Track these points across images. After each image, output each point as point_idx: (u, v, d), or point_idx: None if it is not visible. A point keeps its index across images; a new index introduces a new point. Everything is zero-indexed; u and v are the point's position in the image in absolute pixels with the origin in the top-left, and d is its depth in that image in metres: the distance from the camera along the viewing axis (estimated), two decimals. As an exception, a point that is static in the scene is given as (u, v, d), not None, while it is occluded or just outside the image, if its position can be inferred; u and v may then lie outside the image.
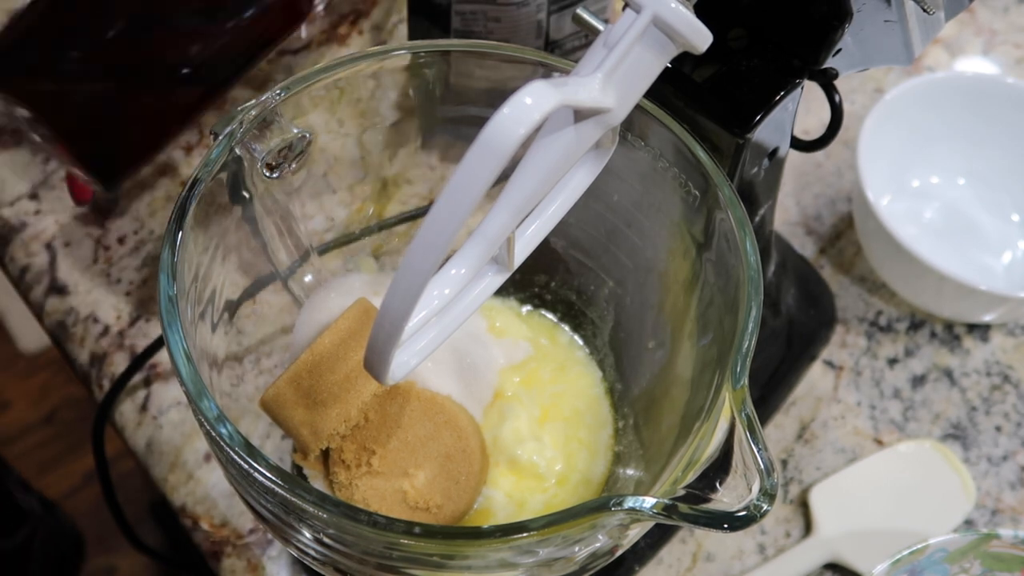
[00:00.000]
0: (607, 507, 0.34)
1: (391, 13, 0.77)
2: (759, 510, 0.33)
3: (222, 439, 0.35)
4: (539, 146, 0.34)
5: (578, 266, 0.54)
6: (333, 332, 0.47)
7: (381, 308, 0.31)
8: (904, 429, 0.61)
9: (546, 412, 0.53)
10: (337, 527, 0.36)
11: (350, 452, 0.47)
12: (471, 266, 0.36)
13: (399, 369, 0.35)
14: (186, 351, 0.37)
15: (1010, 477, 0.59)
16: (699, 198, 0.44)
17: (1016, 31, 0.79)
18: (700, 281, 0.45)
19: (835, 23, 0.41)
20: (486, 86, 0.48)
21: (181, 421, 0.59)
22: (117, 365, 0.61)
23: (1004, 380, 0.63)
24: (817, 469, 0.59)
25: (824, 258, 0.67)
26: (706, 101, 0.45)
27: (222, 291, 0.45)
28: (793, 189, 0.70)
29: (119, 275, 0.64)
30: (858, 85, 0.75)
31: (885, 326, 0.65)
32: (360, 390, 0.46)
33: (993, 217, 0.67)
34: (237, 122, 0.42)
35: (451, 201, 0.28)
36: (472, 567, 0.38)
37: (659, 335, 0.51)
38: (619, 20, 0.34)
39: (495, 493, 0.50)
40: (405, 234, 0.56)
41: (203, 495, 0.57)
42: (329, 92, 0.46)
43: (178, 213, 0.40)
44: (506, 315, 0.56)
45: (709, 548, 0.57)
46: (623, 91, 0.35)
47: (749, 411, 0.36)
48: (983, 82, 0.66)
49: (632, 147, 0.45)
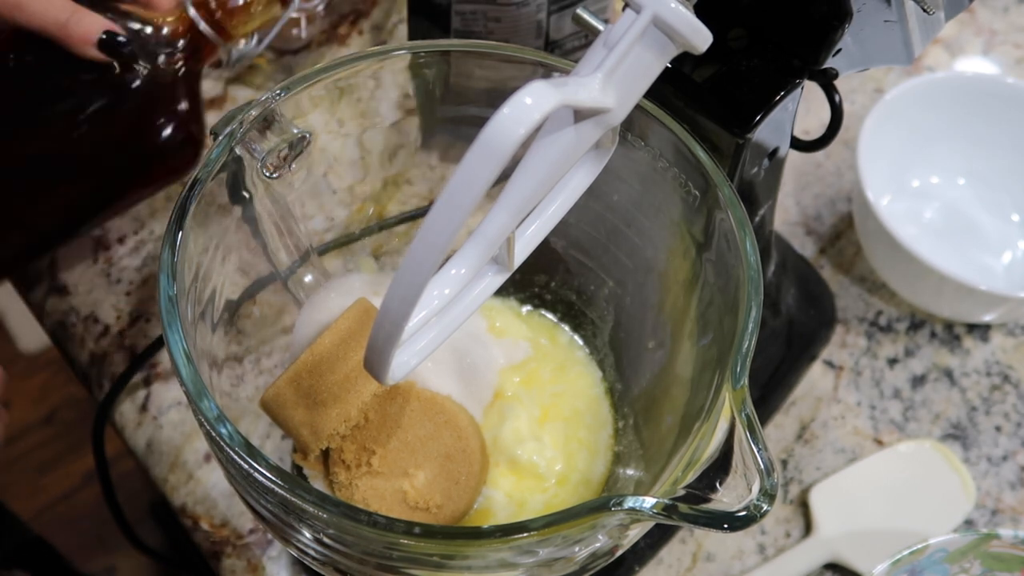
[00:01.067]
0: (607, 507, 0.34)
1: (391, 13, 0.77)
2: (759, 510, 0.33)
3: (222, 439, 0.35)
4: (539, 146, 0.34)
5: (578, 266, 0.54)
6: (333, 332, 0.47)
7: (381, 308, 0.31)
8: (904, 429, 0.61)
9: (546, 412, 0.53)
10: (337, 527, 0.36)
11: (350, 452, 0.47)
12: (471, 266, 0.36)
13: (399, 369, 0.35)
14: (186, 351, 0.37)
15: (1010, 477, 0.59)
16: (699, 198, 0.44)
17: (1016, 31, 0.79)
18: (700, 281, 0.45)
19: (835, 23, 0.41)
20: (486, 86, 0.48)
21: (181, 421, 0.59)
22: (117, 365, 0.61)
23: (1004, 380, 0.63)
24: (817, 469, 0.59)
25: (824, 258, 0.67)
26: (706, 101, 0.45)
27: (222, 291, 0.45)
28: (793, 189, 0.70)
29: (119, 275, 0.64)
30: (858, 85, 0.75)
31: (885, 326, 0.65)
32: (360, 390, 0.46)
33: (993, 217, 0.67)
34: (237, 122, 0.42)
35: (451, 201, 0.28)
36: (472, 567, 0.38)
37: (659, 335, 0.51)
38: (619, 20, 0.34)
39: (495, 493, 0.50)
40: (405, 234, 0.56)
41: (203, 495, 0.57)
42: (329, 92, 0.46)
43: (178, 213, 0.40)
44: (506, 315, 0.56)
45: (709, 548, 0.57)
46: (623, 91, 0.35)
47: (749, 411, 0.36)
48: (983, 82, 0.66)
49: (632, 147, 0.45)
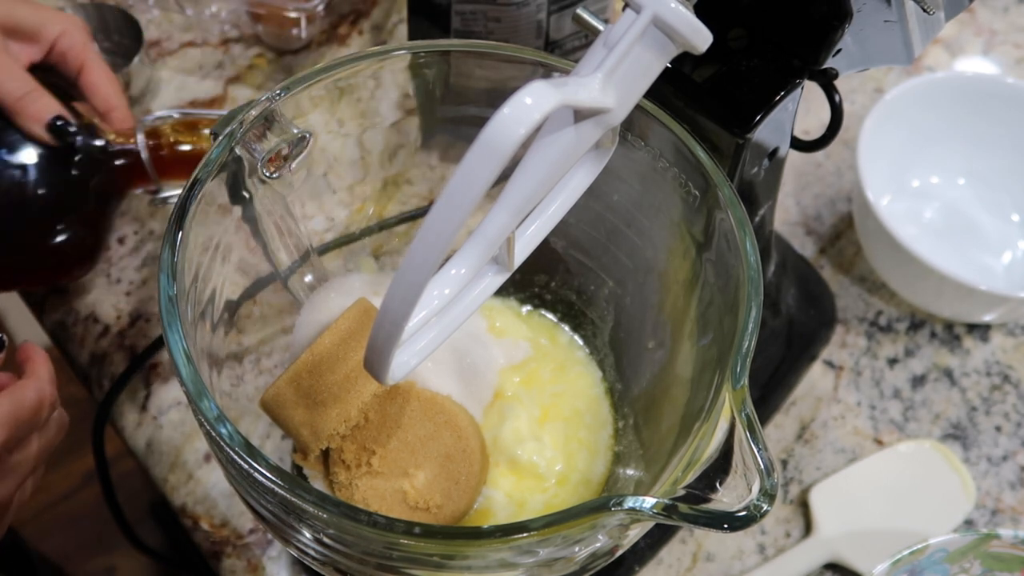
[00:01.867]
0: (607, 507, 0.34)
1: (391, 13, 0.77)
2: (759, 510, 0.33)
3: (222, 439, 0.35)
4: (539, 146, 0.34)
5: (578, 266, 0.54)
6: (333, 332, 0.47)
7: (381, 308, 0.31)
8: (904, 429, 0.61)
9: (546, 412, 0.53)
10: (337, 527, 0.36)
11: (350, 452, 0.47)
12: (471, 266, 0.36)
13: (399, 369, 0.35)
14: (186, 351, 0.37)
15: (1010, 477, 0.59)
16: (699, 198, 0.44)
17: (1016, 31, 0.79)
18: (700, 281, 0.45)
19: (835, 23, 0.41)
20: (486, 86, 0.48)
21: (181, 421, 0.59)
22: (117, 365, 0.61)
23: (1004, 380, 0.63)
24: (817, 469, 0.59)
25: (824, 258, 0.67)
26: (706, 101, 0.45)
27: (222, 291, 0.45)
28: (793, 189, 0.70)
29: (119, 275, 0.64)
30: (858, 85, 0.75)
31: (885, 326, 0.65)
32: (360, 390, 0.46)
33: (993, 217, 0.67)
34: (237, 122, 0.42)
35: (451, 201, 0.28)
36: (472, 567, 0.37)
37: (659, 335, 0.51)
38: (619, 20, 0.34)
39: (495, 493, 0.50)
40: (405, 234, 0.56)
41: (203, 495, 0.57)
42: (329, 92, 0.46)
43: (178, 213, 0.40)
44: (506, 315, 0.56)
45: (709, 548, 0.57)
46: (623, 91, 0.35)
47: (749, 411, 0.36)
48: (983, 82, 0.66)
49: (632, 147, 0.45)
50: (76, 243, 0.57)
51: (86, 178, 0.56)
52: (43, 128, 0.54)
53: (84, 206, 0.57)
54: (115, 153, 0.56)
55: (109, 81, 0.58)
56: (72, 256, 0.58)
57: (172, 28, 0.75)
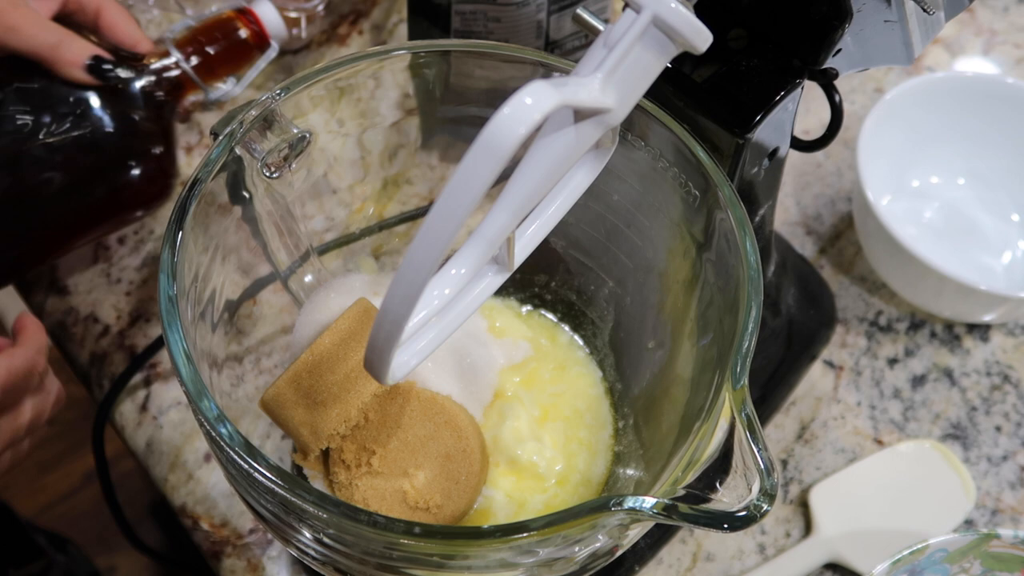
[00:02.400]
0: (607, 507, 0.34)
1: (391, 13, 0.77)
2: (759, 510, 0.33)
3: (222, 439, 0.35)
4: (539, 146, 0.34)
5: (578, 266, 0.54)
6: (333, 332, 0.47)
7: (381, 308, 0.31)
8: (904, 429, 0.61)
9: (546, 412, 0.53)
10: (337, 527, 0.36)
11: (350, 452, 0.47)
12: (471, 266, 0.36)
13: (399, 369, 0.35)
14: (186, 351, 0.37)
15: (1010, 477, 0.59)
16: (699, 198, 0.44)
17: (1016, 31, 0.79)
18: (700, 281, 0.45)
19: (835, 23, 0.41)
20: (486, 86, 0.48)
21: (181, 421, 0.59)
22: (117, 365, 0.61)
23: (1004, 380, 0.63)
24: (817, 469, 0.59)
25: (824, 258, 0.67)
26: (706, 101, 0.45)
27: (222, 291, 0.45)
28: (793, 189, 0.70)
29: (119, 275, 0.64)
30: (858, 85, 0.75)
31: (885, 326, 0.65)
32: (360, 390, 0.46)
33: (993, 217, 0.67)
34: (237, 122, 0.42)
35: (451, 201, 0.28)
36: (472, 567, 0.38)
37: (659, 335, 0.51)
38: (619, 20, 0.34)
39: (495, 493, 0.50)
40: (405, 234, 0.56)
41: (203, 495, 0.57)
42: (329, 92, 0.46)
43: (178, 213, 0.40)
44: (506, 315, 0.56)
45: (709, 548, 0.57)
46: (623, 91, 0.35)
47: (749, 411, 0.36)
48: (983, 82, 0.66)
49: (632, 147, 0.45)
50: (152, 172, 0.58)
51: (139, 106, 0.57)
52: (83, 71, 0.54)
53: (147, 133, 0.58)
54: (157, 73, 0.58)
55: (127, 19, 0.59)
56: (153, 185, 0.59)
57: (172, 28, 0.75)
